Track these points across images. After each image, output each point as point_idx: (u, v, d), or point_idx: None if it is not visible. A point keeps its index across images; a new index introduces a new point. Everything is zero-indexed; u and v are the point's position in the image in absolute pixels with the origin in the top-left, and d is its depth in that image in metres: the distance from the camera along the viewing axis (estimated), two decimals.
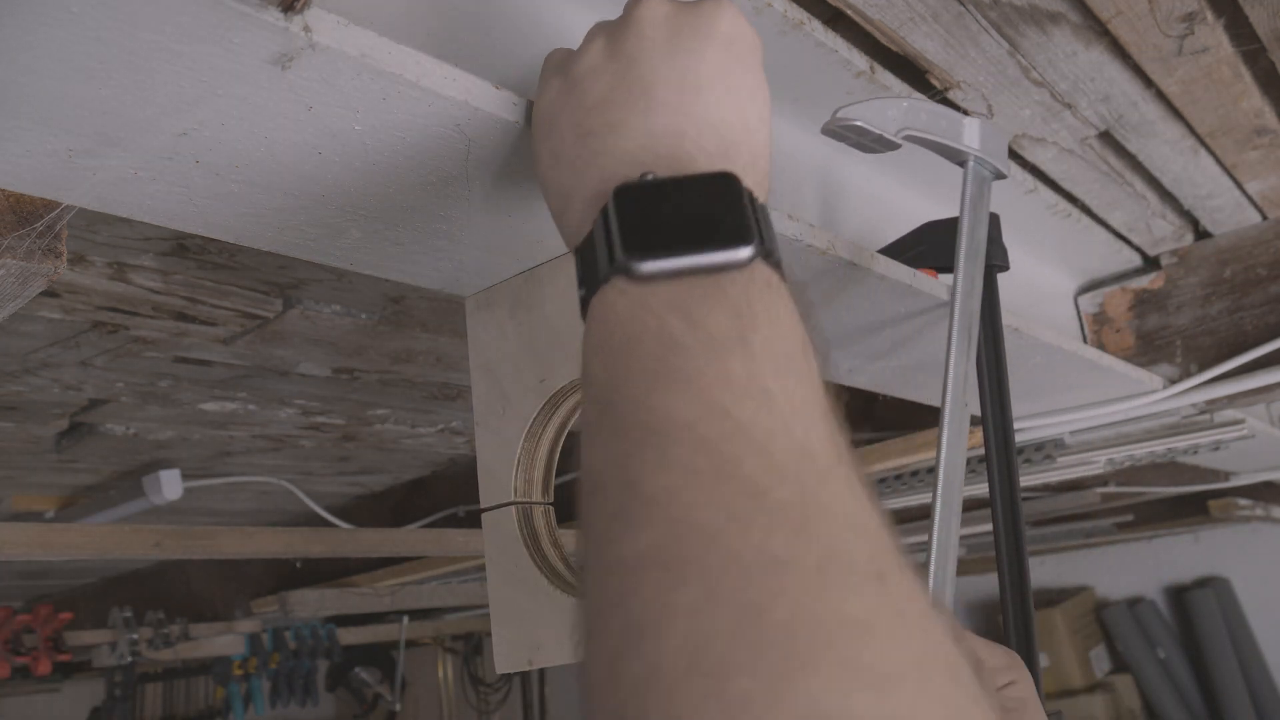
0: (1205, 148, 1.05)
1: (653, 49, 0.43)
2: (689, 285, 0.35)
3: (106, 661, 2.54)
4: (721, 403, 0.32)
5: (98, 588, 3.15)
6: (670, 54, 0.43)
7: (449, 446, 2.02)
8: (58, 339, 1.23)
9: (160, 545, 1.29)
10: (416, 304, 1.27)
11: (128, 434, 1.65)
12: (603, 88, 0.43)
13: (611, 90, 0.43)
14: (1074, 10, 0.79)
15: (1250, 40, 0.86)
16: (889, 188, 1.01)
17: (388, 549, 1.73)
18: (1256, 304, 1.23)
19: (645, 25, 0.44)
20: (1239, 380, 1.21)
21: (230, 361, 1.39)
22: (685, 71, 0.42)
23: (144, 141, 0.43)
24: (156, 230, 0.98)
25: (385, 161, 0.47)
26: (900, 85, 0.82)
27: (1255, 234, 1.26)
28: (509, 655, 0.59)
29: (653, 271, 0.35)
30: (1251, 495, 2.64)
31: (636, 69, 0.43)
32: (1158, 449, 1.42)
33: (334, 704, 4.31)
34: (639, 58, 0.43)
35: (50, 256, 0.45)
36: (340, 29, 0.39)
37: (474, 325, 0.67)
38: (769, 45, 0.72)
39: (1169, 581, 3.54)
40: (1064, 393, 1.25)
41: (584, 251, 0.39)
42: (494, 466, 0.63)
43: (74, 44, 0.36)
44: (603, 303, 0.36)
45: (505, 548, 0.61)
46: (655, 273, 0.35)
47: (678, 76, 0.42)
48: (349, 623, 3.10)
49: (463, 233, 0.57)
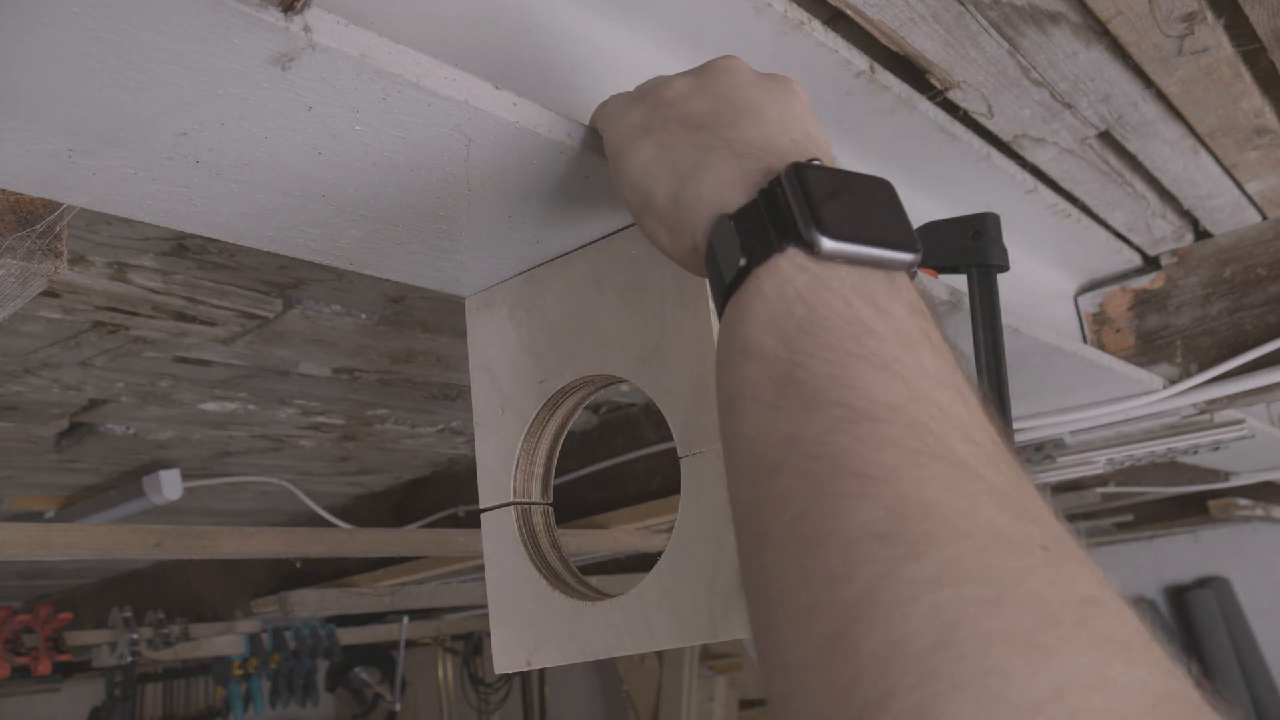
0: (1205, 148, 1.05)
1: (748, 85, 0.45)
2: (867, 274, 0.36)
3: (106, 661, 2.54)
4: (923, 389, 0.32)
5: (98, 588, 3.15)
6: (766, 92, 0.45)
7: (449, 446, 2.02)
8: (58, 339, 1.23)
9: (160, 545, 1.29)
10: (416, 304, 1.27)
11: (128, 434, 1.65)
12: (705, 105, 0.44)
13: (717, 106, 0.44)
14: (1074, 10, 0.79)
15: (1250, 40, 0.86)
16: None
17: (388, 549, 1.73)
18: (1256, 304, 1.23)
19: (736, 71, 0.46)
20: (1239, 380, 1.21)
21: (230, 361, 1.39)
22: (783, 107, 0.44)
23: (144, 141, 0.43)
24: (156, 230, 0.98)
25: (385, 161, 0.47)
26: (900, 85, 0.82)
27: (1255, 234, 1.26)
28: (507, 655, 0.60)
29: (835, 252, 0.35)
30: (1251, 495, 2.64)
31: (737, 95, 0.45)
32: (1158, 449, 1.42)
33: (334, 704, 4.31)
34: (736, 90, 0.45)
35: (50, 256, 0.45)
36: (340, 29, 0.39)
37: (474, 325, 0.67)
38: (769, 45, 0.72)
39: (1169, 581, 3.54)
40: (1064, 393, 1.25)
41: (744, 220, 0.38)
42: (493, 467, 0.63)
43: (74, 44, 0.36)
44: (775, 273, 0.36)
45: (504, 548, 0.61)
46: (838, 253, 0.36)
47: (779, 108, 0.44)
48: (349, 623, 3.10)
49: (463, 233, 0.57)
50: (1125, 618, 0.28)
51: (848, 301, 0.34)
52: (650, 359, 0.55)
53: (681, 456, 0.53)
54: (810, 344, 0.34)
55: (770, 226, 0.37)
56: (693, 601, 0.51)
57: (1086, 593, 0.28)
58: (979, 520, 0.29)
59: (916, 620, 0.26)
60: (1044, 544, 0.29)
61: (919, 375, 0.33)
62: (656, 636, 0.53)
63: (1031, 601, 0.27)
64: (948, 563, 0.27)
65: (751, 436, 0.34)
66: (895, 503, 0.29)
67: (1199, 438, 1.36)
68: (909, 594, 0.27)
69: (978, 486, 0.30)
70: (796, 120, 0.44)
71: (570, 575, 0.60)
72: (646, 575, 0.53)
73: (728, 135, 0.42)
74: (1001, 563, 0.28)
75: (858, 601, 0.28)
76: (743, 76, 0.46)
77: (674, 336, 0.55)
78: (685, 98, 0.45)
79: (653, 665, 3.68)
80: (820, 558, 0.29)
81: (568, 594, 0.57)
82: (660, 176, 0.43)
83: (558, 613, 0.57)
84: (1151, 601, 3.48)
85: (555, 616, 0.57)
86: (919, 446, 0.31)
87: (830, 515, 0.30)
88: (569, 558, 0.62)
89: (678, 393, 0.54)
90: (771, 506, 0.32)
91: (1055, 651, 0.26)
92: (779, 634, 0.30)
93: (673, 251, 0.44)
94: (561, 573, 0.60)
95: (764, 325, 0.35)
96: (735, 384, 0.36)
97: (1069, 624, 0.27)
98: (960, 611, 0.26)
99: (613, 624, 0.54)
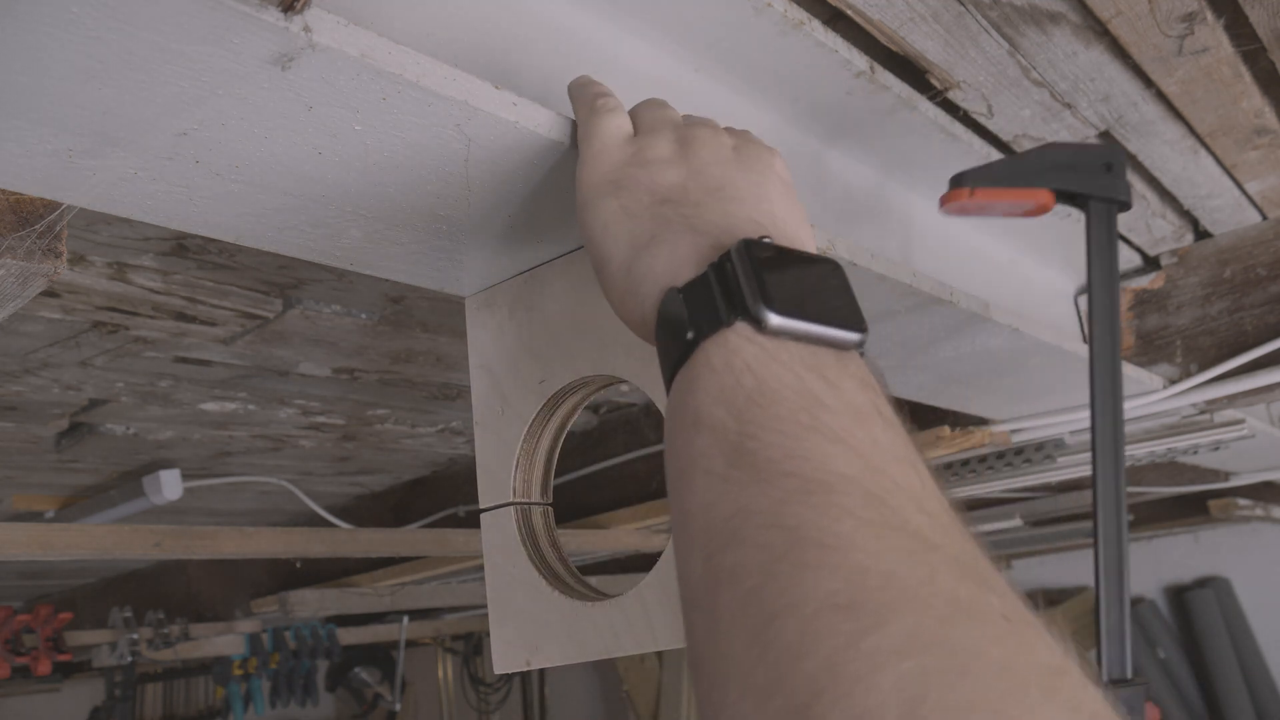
0: (1205, 148, 1.05)
1: (725, 163, 0.46)
2: (815, 351, 0.36)
3: (106, 661, 2.53)
4: (876, 461, 0.32)
5: (98, 588, 3.15)
6: (741, 171, 0.46)
7: (449, 446, 2.02)
8: (58, 339, 1.23)
9: (160, 545, 1.29)
10: (416, 304, 1.27)
11: (128, 434, 1.65)
12: (677, 178, 0.45)
13: (688, 181, 0.45)
14: (1074, 10, 0.79)
15: (1250, 40, 0.86)
16: (887, 186, 1.01)
17: (388, 549, 1.73)
18: (1256, 304, 1.23)
19: (716, 145, 0.47)
20: (1239, 380, 1.21)
21: (230, 361, 1.39)
22: (756, 186, 0.45)
23: (144, 141, 0.43)
24: (156, 230, 0.98)
25: (385, 161, 0.47)
26: (900, 85, 0.82)
27: (1255, 234, 1.26)
28: (507, 655, 0.60)
29: (784, 327, 0.36)
30: (1251, 495, 2.64)
31: (711, 172, 0.45)
32: (1158, 449, 1.42)
33: (334, 704, 4.31)
34: (712, 166, 0.45)
35: (50, 256, 0.45)
36: (340, 29, 0.39)
37: (474, 325, 0.67)
38: (769, 45, 0.72)
39: (1169, 581, 3.54)
40: (1064, 393, 1.25)
41: (692, 294, 0.39)
42: (493, 467, 0.63)
43: (74, 44, 0.36)
44: (723, 345, 0.36)
45: (504, 548, 0.61)
46: (786, 329, 0.36)
47: (751, 187, 0.45)
48: (349, 623, 3.10)
49: (463, 233, 0.57)
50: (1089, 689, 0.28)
51: (798, 375, 0.35)
52: (650, 359, 0.55)
53: None
54: (761, 415, 0.34)
55: (719, 300, 0.37)
56: None
57: (1050, 662, 0.28)
58: (939, 590, 0.28)
59: (881, 693, 0.26)
60: (1004, 613, 0.29)
61: (871, 448, 0.33)
62: (656, 636, 0.53)
63: (997, 671, 0.26)
64: (910, 633, 0.27)
65: (703, 509, 0.33)
66: (854, 573, 0.29)
67: (1199, 438, 1.36)
68: (872, 666, 0.26)
69: (935, 556, 0.30)
70: (766, 201, 0.44)
71: (570, 575, 0.60)
72: (646, 575, 0.53)
73: (689, 213, 0.42)
74: (965, 633, 0.27)
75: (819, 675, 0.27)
76: (723, 153, 0.46)
77: None
78: (662, 163, 0.46)
79: (653, 665, 3.68)
80: (778, 631, 0.28)
81: (567, 594, 0.57)
82: (618, 241, 0.43)
83: (557, 613, 0.57)
84: (1151, 601, 3.48)
85: (555, 616, 0.57)
86: (875, 517, 0.30)
87: (788, 587, 0.29)
88: (569, 558, 0.62)
89: None
90: (726, 580, 0.31)
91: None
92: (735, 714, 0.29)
93: (623, 316, 0.44)
94: (561, 573, 0.60)
95: (714, 397, 0.35)
96: (686, 457, 0.35)
97: (1036, 694, 0.26)
98: (926, 683, 0.26)
99: (613, 624, 0.54)
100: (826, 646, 0.27)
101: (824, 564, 0.29)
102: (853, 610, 0.28)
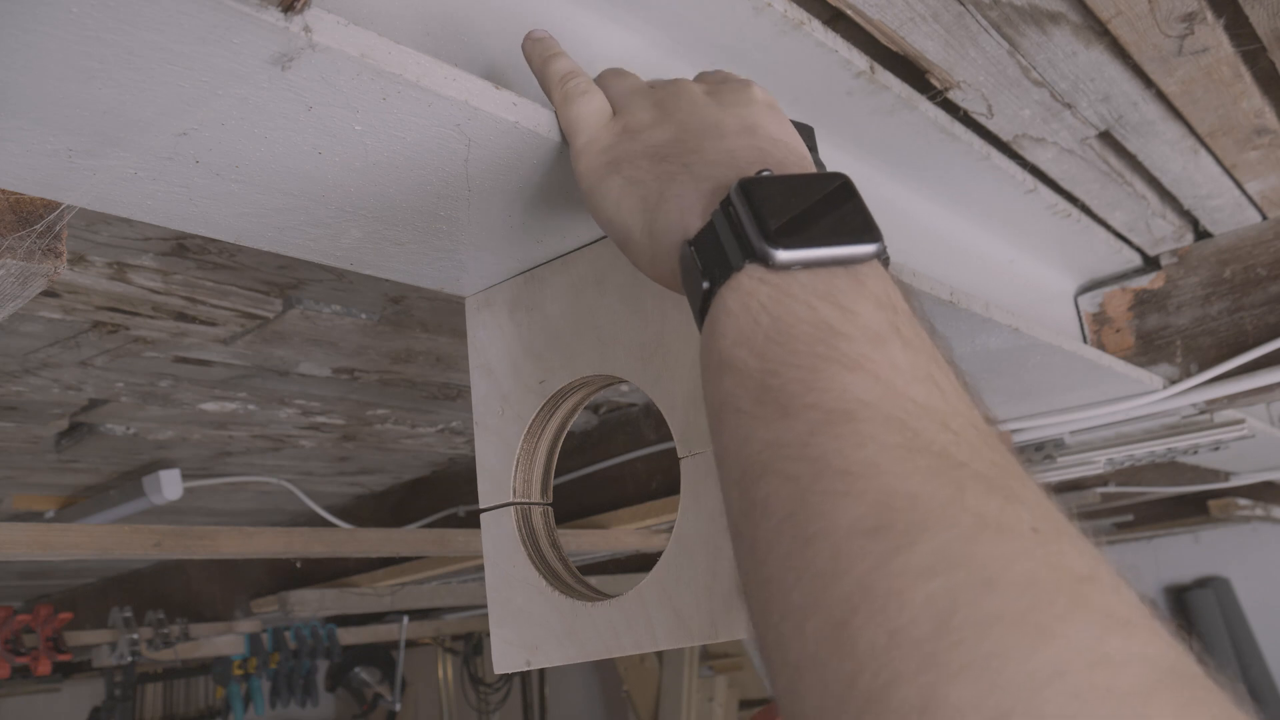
0: (1205, 148, 1.05)
1: (706, 106, 0.47)
2: (828, 276, 0.36)
3: (106, 661, 2.53)
4: (897, 384, 0.33)
5: (98, 588, 3.15)
6: (722, 109, 0.46)
7: (449, 446, 2.02)
8: (58, 339, 1.23)
9: (160, 545, 1.29)
10: (416, 304, 1.27)
11: (128, 434, 1.65)
12: (667, 135, 0.46)
13: (678, 133, 0.45)
14: (1074, 10, 0.79)
15: (1250, 40, 0.86)
16: (887, 186, 1.01)
17: (388, 549, 1.73)
18: (1256, 304, 1.23)
19: (691, 94, 0.48)
20: (1239, 380, 1.21)
21: (230, 361, 1.39)
22: (742, 118, 0.45)
23: (144, 141, 0.43)
24: (156, 230, 0.98)
25: (385, 161, 0.47)
26: (900, 85, 0.82)
27: (1255, 234, 1.26)
28: (507, 655, 0.60)
29: (791, 260, 0.36)
30: (1251, 495, 2.64)
31: (696, 120, 0.46)
32: (1158, 449, 1.42)
33: (334, 704, 4.31)
34: (695, 113, 0.46)
35: (50, 256, 0.45)
36: (340, 29, 0.39)
37: (474, 325, 0.67)
38: (769, 45, 0.72)
39: (1169, 581, 3.54)
40: (1064, 393, 1.25)
41: (703, 244, 0.39)
42: (493, 467, 0.63)
43: (74, 44, 0.36)
44: (738, 290, 0.37)
45: (504, 548, 0.61)
46: (793, 261, 0.36)
47: (737, 120, 0.45)
48: (349, 623, 3.10)
49: (463, 233, 0.57)
50: (1122, 593, 0.29)
51: (811, 307, 0.35)
52: (650, 359, 0.56)
53: (681, 457, 0.53)
54: (779, 352, 0.34)
55: (727, 246, 0.38)
56: (693, 601, 0.51)
57: (1081, 570, 0.28)
58: (965, 507, 0.29)
59: (913, 609, 0.27)
60: (1034, 526, 0.29)
61: (890, 371, 0.33)
62: (656, 636, 0.53)
63: (1024, 584, 0.27)
64: (938, 551, 0.28)
65: (736, 446, 0.35)
66: (880, 497, 0.29)
67: (1199, 438, 1.36)
68: (903, 584, 0.27)
69: (961, 474, 0.30)
70: (759, 126, 0.45)
71: (570, 575, 0.60)
72: (646, 575, 0.53)
73: (690, 160, 0.43)
74: (990, 548, 0.28)
75: (853, 594, 0.28)
76: (700, 99, 0.47)
77: (674, 337, 0.55)
78: (649, 127, 0.46)
79: (653, 665, 3.68)
80: (811, 556, 0.30)
81: (567, 594, 0.57)
82: (633, 211, 0.44)
83: (557, 613, 0.57)
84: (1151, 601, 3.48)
85: (555, 616, 0.57)
86: (898, 441, 0.31)
87: (817, 515, 0.30)
88: (569, 558, 0.62)
89: (677, 393, 0.54)
90: (760, 511, 0.32)
91: (1052, 631, 0.26)
92: (778, 634, 0.30)
93: (658, 279, 0.45)
94: (561, 573, 0.60)
95: (735, 340, 0.36)
96: (717, 398, 0.37)
97: (1064, 603, 0.27)
98: (955, 598, 0.27)
99: (613, 624, 0.54)
100: (858, 569, 0.28)
101: (850, 491, 0.30)
102: (880, 533, 0.29)
